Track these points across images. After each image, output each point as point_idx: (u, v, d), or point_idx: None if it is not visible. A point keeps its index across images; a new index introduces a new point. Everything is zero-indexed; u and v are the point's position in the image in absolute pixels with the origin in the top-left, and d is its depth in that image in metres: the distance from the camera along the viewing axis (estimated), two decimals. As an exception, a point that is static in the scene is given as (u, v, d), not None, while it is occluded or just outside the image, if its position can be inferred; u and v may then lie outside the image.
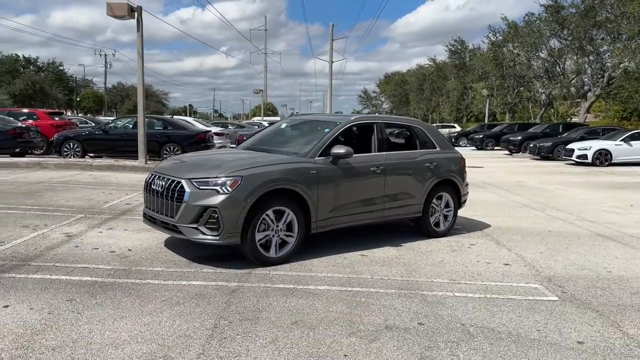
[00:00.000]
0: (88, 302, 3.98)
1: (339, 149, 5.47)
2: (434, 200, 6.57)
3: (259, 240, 4.98)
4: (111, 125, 16.09)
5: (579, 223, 7.95)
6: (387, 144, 6.24)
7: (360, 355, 3.26)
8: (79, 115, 51.02)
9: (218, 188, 4.81)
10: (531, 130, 27.51)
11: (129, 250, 5.49)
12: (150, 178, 5.43)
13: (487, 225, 7.59)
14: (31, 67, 63.21)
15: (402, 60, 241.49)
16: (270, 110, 78.16)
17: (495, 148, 29.85)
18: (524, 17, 37.16)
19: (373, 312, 3.98)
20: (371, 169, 5.85)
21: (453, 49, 56.91)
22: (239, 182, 4.84)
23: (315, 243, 5.86)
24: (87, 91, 68.04)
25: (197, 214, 4.81)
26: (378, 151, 6.07)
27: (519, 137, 25.98)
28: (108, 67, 61.83)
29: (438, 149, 6.75)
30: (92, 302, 3.98)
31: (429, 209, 6.50)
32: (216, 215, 4.76)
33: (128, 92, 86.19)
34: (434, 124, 54.04)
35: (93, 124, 22.22)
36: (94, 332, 3.43)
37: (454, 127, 45.88)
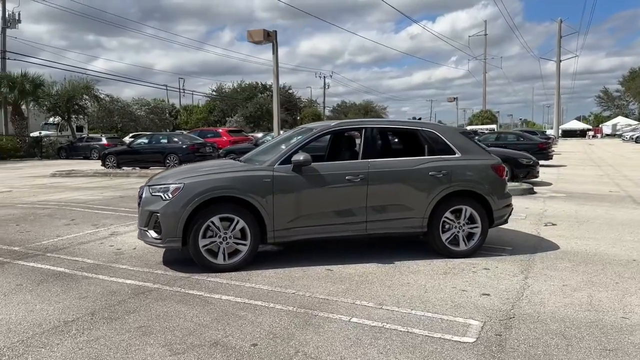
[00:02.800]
0: (27, 287, 4.70)
1: (298, 157, 5.23)
2: (447, 215, 5.66)
3: (204, 246, 5.09)
4: (263, 140, 17.80)
5: (701, 253, 5.84)
6: (379, 151, 5.66)
7: (138, 365, 3.19)
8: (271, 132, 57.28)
9: (162, 194, 5.12)
10: None
11: (133, 249, 6.18)
12: (144, 186, 6.04)
13: (555, 248, 6.18)
14: (266, 92, 72.84)
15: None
16: (489, 118, 74.52)
17: None
18: None
19: (227, 327, 3.76)
20: (347, 177, 5.39)
21: None
22: (180, 189, 5.06)
23: (295, 253, 5.69)
24: (308, 110, 75.29)
25: (147, 218, 5.20)
26: (363, 158, 5.56)
27: None
28: (327, 87, 68.95)
29: (457, 155, 5.79)
30: (30, 287, 4.69)
31: (438, 224, 5.63)
32: (159, 220, 5.07)
33: (349, 110, 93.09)
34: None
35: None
36: (-14, 312, 4.08)
37: None
